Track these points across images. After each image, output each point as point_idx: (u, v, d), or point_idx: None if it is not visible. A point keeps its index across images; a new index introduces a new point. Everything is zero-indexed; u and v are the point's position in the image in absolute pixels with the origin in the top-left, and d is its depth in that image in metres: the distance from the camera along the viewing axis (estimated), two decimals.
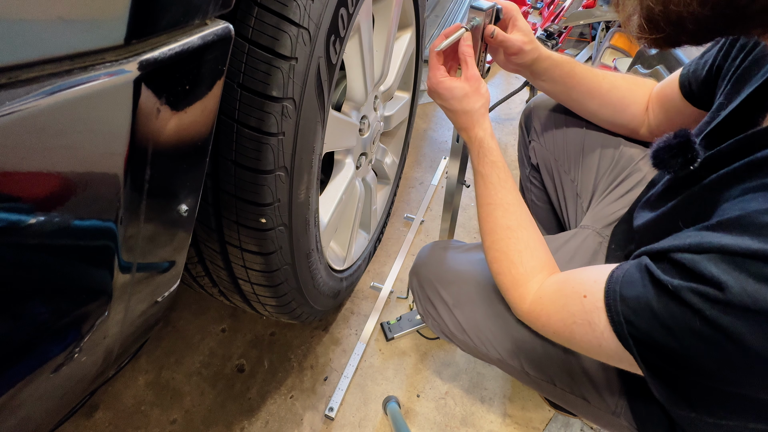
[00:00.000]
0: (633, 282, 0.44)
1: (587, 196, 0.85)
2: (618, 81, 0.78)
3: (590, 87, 0.77)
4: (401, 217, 1.50)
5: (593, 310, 0.47)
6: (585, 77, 0.77)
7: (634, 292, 0.43)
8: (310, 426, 0.98)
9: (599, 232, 0.77)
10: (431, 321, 0.78)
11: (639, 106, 0.77)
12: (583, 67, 0.77)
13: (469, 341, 0.72)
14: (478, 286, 0.72)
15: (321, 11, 0.54)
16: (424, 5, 1.08)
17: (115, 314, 0.44)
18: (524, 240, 0.61)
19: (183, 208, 0.45)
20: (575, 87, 0.78)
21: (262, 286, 0.71)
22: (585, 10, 2.49)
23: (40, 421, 0.45)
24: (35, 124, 0.28)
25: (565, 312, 0.51)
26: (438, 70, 0.66)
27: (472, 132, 0.66)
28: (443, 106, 0.68)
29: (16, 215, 0.29)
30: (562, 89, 0.79)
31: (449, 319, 0.74)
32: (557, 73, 0.77)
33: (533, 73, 0.77)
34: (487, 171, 0.65)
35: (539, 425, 1.00)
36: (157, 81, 0.34)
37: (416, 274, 0.80)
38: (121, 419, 0.96)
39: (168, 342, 1.10)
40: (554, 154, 0.89)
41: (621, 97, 0.77)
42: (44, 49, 0.27)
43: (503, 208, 0.63)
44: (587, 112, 0.82)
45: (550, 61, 0.76)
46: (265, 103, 0.52)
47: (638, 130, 0.78)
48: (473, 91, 0.65)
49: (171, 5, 0.33)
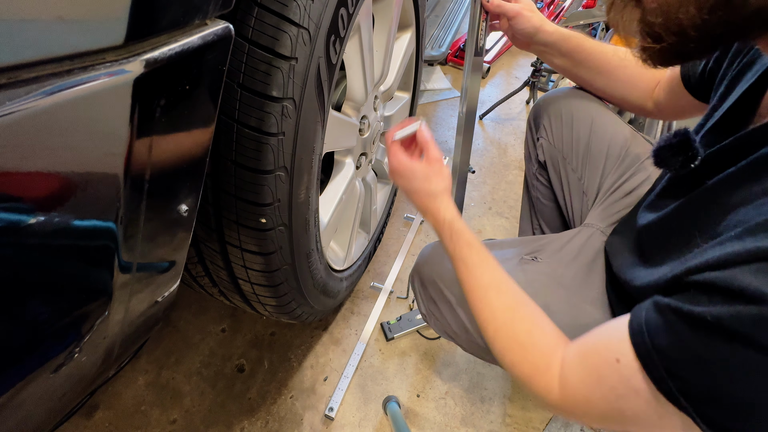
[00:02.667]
0: (658, 328, 0.38)
1: (593, 194, 0.84)
2: (628, 57, 0.77)
3: (599, 63, 0.78)
4: (401, 217, 1.50)
5: (632, 374, 0.39)
6: (594, 52, 0.78)
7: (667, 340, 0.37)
8: (310, 426, 0.98)
9: (603, 231, 0.77)
10: (434, 321, 0.77)
11: (648, 84, 0.77)
12: (592, 42, 0.79)
13: (474, 339, 0.71)
14: None
15: (321, 11, 0.54)
16: (424, 5, 1.08)
17: (115, 314, 0.43)
18: (529, 318, 0.55)
19: (183, 208, 0.45)
20: (583, 62, 0.79)
21: (262, 286, 0.71)
22: (585, 10, 2.49)
23: (40, 421, 0.45)
24: (35, 124, 0.28)
25: (604, 388, 0.43)
26: (398, 152, 0.67)
27: (438, 215, 0.63)
28: (406, 188, 0.66)
29: (16, 215, 0.29)
30: (570, 64, 0.80)
31: (452, 318, 0.73)
32: (564, 47, 0.78)
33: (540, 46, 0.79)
34: (465, 254, 0.60)
35: (539, 425, 1.00)
36: (157, 81, 0.34)
37: (418, 274, 0.79)
38: (121, 419, 0.96)
39: (168, 342, 1.10)
40: (562, 151, 0.89)
41: (630, 75, 0.77)
42: (44, 49, 0.27)
43: (496, 289, 0.58)
44: (596, 89, 0.83)
45: (558, 35, 0.78)
46: (265, 103, 0.52)
47: (645, 106, 0.79)
48: (435, 173, 0.64)
49: (171, 5, 0.33)
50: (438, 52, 2.00)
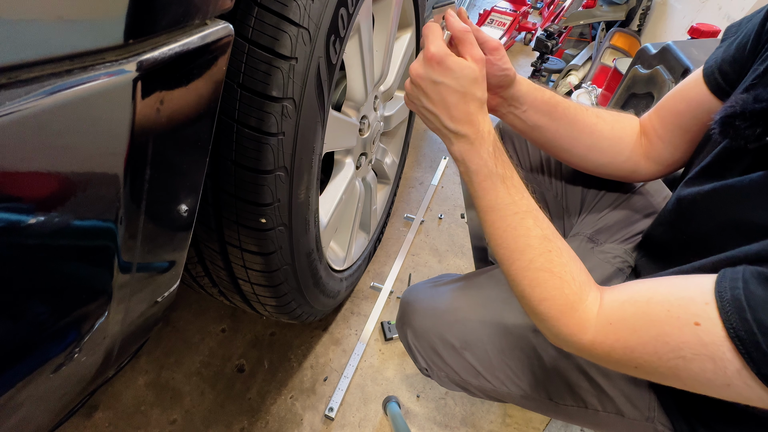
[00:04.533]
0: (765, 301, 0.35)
1: (575, 209, 0.81)
2: (601, 112, 0.68)
3: (576, 117, 0.66)
4: (401, 217, 1.50)
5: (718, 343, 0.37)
6: (568, 106, 0.66)
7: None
8: (310, 426, 0.98)
9: (590, 236, 0.74)
10: (437, 372, 0.69)
11: (631, 140, 0.66)
12: (561, 97, 0.67)
13: (486, 384, 0.66)
14: (483, 322, 0.65)
15: (321, 11, 0.54)
16: (424, 5, 1.08)
17: (115, 314, 0.43)
18: (566, 250, 0.51)
19: (183, 208, 0.45)
20: (561, 117, 0.65)
21: (262, 286, 0.71)
22: (585, 10, 2.49)
23: (40, 421, 0.45)
24: (35, 124, 0.28)
25: (662, 342, 0.40)
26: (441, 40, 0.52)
27: (483, 126, 0.53)
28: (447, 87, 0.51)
29: (16, 215, 0.29)
30: (547, 121, 0.66)
31: (459, 365, 0.66)
32: (539, 98, 0.65)
33: (514, 99, 0.65)
34: (508, 172, 0.53)
35: (539, 425, 1.00)
36: (157, 81, 0.34)
37: (408, 326, 0.70)
38: (121, 419, 0.96)
39: (168, 342, 1.10)
40: (532, 172, 0.84)
41: (611, 129, 0.66)
42: (44, 49, 0.27)
43: (533, 216, 0.52)
44: (576, 155, 0.69)
45: (529, 85, 0.65)
46: (265, 103, 0.52)
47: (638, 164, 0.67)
48: (482, 77, 0.52)
49: (171, 5, 0.33)
50: None
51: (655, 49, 1.35)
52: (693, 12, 1.96)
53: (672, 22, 2.16)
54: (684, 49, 1.25)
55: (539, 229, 0.51)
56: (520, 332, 0.63)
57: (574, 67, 2.30)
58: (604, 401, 0.61)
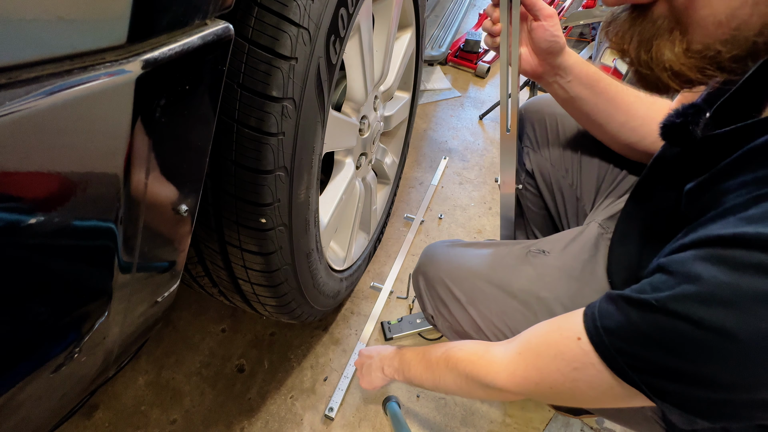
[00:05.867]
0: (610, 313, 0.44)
1: (589, 198, 0.83)
2: (640, 93, 0.71)
3: (616, 93, 0.70)
4: (401, 217, 1.50)
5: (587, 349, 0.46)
6: (610, 83, 0.70)
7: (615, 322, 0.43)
8: (310, 426, 0.98)
9: (601, 224, 0.76)
10: (442, 321, 0.76)
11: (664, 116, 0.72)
12: (605, 73, 0.71)
13: (485, 339, 0.71)
14: (491, 282, 0.70)
15: (321, 11, 0.54)
16: (424, 5, 1.08)
17: (115, 314, 0.43)
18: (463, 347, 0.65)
19: (183, 208, 0.45)
20: (603, 92, 0.69)
21: (262, 286, 0.71)
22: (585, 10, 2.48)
23: (40, 422, 0.45)
24: (35, 124, 0.28)
25: (560, 360, 0.49)
26: None
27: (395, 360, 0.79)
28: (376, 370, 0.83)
29: (16, 215, 0.29)
30: (589, 94, 0.70)
31: (463, 317, 0.72)
32: (584, 71, 0.69)
33: (561, 68, 0.69)
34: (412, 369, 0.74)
35: (539, 425, 1.00)
36: (157, 81, 0.34)
37: (423, 274, 0.77)
38: (121, 419, 0.96)
39: (168, 342, 1.10)
40: (550, 160, 0.87)
41: (646, 110, 0.70)
42: (44, 49, 0.27)
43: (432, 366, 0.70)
44: (609, 131, 0.73)
45: (577, 57, 0.69)
46: (265, 103, 0.52)
47: None
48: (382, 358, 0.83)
49: (171, 5, 0.33)
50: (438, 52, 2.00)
51: None
52: None
53: None
54: None
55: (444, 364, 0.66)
56: (524, 297, 0.68)
57: None
58: None
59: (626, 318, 0.42)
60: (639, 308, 0.41)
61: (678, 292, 0.38)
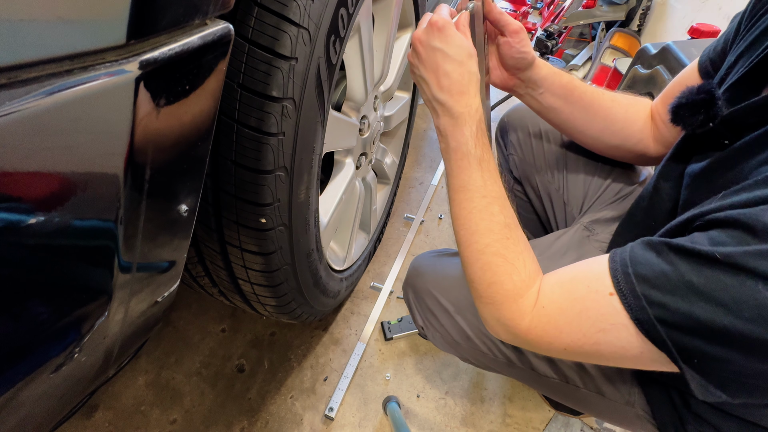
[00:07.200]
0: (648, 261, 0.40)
1: (577, 203, 0.83)
2: (617, 96, 0.71)
3: (592, 101, 0.69)
4: (401, 217, 1.50)
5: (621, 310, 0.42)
6: (586, 90, 0.70)
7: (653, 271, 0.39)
8: (310, 426, 0.98)
9: (586, 225, 0.76)
10: (432, 332, 0.74)
11: (643, 123, 0.70)
12: (580, 81, 0.71)
13: (475, 347, 0.70)
14: None
15: (321, 11, 0.54)
16: (424, 5, 1.08)
17: (115, 314, 0.43)
18: (522, 241, 0.53)
19: (183, 208, 0.45)
20: (578, 101, 0.69)
21: (262, 286, 0.71)
22: (585, 10, 2.49)
23: (40, 422, 0.45)
24: (35, 124, 0.28)
25: (585, 317, 0.44)
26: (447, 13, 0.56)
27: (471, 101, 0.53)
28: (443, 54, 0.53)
29: (16, 215, 0.29)
30: (563, 104, 0.69)
31: (452, 327, 0.71)
32: (557, 82, 0.68)
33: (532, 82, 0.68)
34: (486, 155, 0.54)
35: (539, 425, 1.00)
36: (157, 81, 0.34)
37: (411, 287, 0.76)
38: (121, 419, 0.96)
39: (168, 342, 1.10)
40: (535, 165, 0.86)
41: (624, 113, 0.70)
42: (44, 49, 0.27)
43: (500, 203, 0.54)
44: (592, 136, 0.73)
45: (548, 69, 0.68)
46: (265, 103, 0.52)
47: (647, 147, 0.70)
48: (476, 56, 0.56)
49: (171, 5, 0.33)
50: None
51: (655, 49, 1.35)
52: (693, 12, 1.96)
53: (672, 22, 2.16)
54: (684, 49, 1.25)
55: (503, 216, 0.53)
56: None
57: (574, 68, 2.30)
58: (584, 378, 0.64)
59: (672, 268, 0.38)
60: (695, 260, 0.37)
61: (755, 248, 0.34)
